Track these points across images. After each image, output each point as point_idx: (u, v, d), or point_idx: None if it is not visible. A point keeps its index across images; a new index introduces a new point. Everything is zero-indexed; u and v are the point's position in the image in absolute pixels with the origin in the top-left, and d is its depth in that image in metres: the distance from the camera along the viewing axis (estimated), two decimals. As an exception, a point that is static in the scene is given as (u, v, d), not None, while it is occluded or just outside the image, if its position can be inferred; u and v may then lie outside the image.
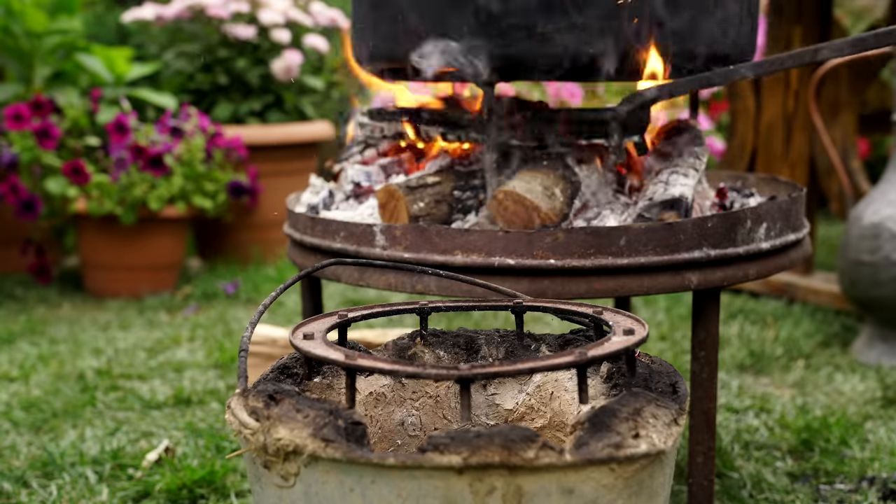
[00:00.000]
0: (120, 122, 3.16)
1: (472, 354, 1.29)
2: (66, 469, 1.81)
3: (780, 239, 1.53)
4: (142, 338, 2.71)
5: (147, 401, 2.21)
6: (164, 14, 3.72)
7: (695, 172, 1.58)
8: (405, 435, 1.27)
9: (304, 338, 1.10)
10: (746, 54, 1.59)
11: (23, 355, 2.54)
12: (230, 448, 1.89)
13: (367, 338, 2.11)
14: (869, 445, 1.92)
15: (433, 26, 1.45)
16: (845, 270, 2.48)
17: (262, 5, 3.74)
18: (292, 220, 1.65)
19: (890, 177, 2.47)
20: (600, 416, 0.98)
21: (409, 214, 1.48)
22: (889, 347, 2.45)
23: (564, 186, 1.48)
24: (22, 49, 3.39)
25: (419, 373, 0.99)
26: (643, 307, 2.96)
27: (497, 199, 1.46)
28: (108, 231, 3.17)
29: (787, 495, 1.72)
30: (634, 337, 1.09)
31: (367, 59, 1.61)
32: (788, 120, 2.96)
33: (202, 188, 3.26)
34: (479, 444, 0.91)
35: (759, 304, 2.96)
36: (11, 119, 3.10)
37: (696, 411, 1.51)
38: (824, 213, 4.20)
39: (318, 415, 0.98)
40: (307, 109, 3.79)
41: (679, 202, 1.47)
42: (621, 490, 0.95)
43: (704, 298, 1.48)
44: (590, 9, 1.40)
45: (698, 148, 1.66)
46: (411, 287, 1.44)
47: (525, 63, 1.44)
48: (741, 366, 2.44)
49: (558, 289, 1.39)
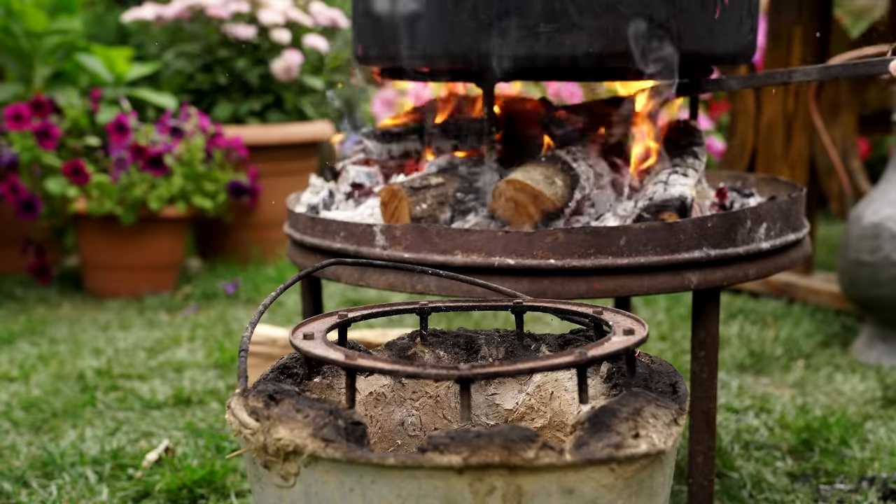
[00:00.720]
0: (120, 122, 3.16)
1: (472, 354, 1.29)
2: (66, 469, 1.81)
3: (780, 239, 1.53)
4: (142, 338, 2.71)
5: (147, 401, 2.21)
6: (164, 14, 3.72)
7: (694, 172, 1.58)
8: (405, 435, 1.27)
9: (304, 338, 1.10)
10: (747, 54, 1.59)
11: (23, 355, 2.54)
12: (230, 448, 1.89)
13: (367, 338, 2.11)
14: (869, 445, 1.92)
15: (433, 25, 1.45)
16: (845, 270, 2.48)
17: (262, 5, 3.74)
18: (292, 220, 1.65)
19: (890, 177, 2.47)
20: (600, 416, 0.98)
21: (411, 215, 1.48)
22: (889, 347, 2.45)
23: (564, 177, 1.48)
24: (22, 49, 3.39)
25: (419, 373, 0.99)
26: (643, 307, 2.96)
27: (499, 189, 1.46)
28: (108, 231, 3.17)
29: (787, 495, 1.72)
30: (634, 337, 1.09)
31: (367, 58, 1.61)
32: (788, 120, 2.96)
33: (202, 188, 3.26)
34: (479, 444, 0.91)
35: (759, 304, 2.96)
36: (11, 119, 3.10)
37: (696, 411, 1.51)
38: (824, 213, 4.20)
39: (318, 415, 0.98)
40: (307, 109, 3.79)
41: (679, 202, 1.47)
42: (621, 490, 0.95)
43: (704, 298, 1.48)
44: (590, 8, 1.40)
45: (698, 148, 1.66)
46: (411, 287, 1.44)
47: (527, 63, 1.44)
48: (741, 366, 2.44)
49: (558, 289, 1.39)
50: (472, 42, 1.41)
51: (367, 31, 1.58)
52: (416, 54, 1.48)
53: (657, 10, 1.41)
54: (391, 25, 1.50)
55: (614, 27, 1.41)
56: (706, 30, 1.47)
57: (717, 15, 1.46)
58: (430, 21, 1.45)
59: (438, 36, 1.44)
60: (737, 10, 1.51)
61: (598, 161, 1.58)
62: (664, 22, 1.41)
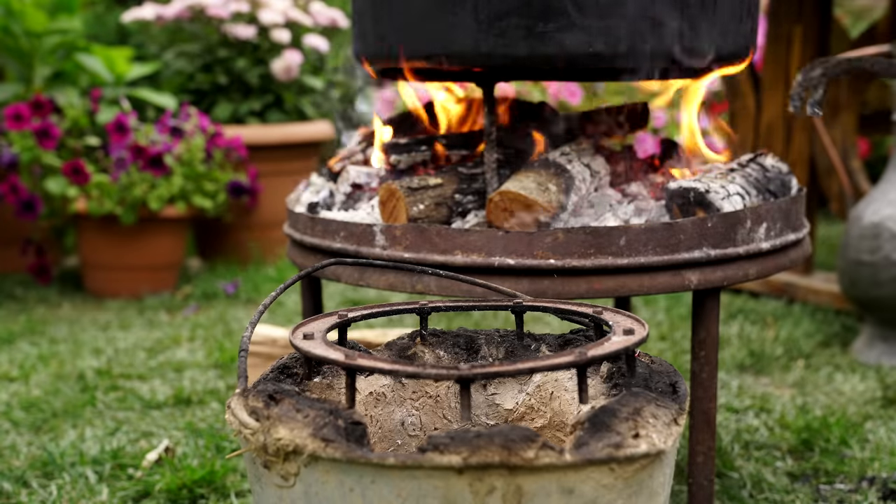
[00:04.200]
0: (120, 121, 3.16)
1: (472, 354, 1.29)
2: (66, 469, 1.81)
3: (780, 239, 1.53)
4: (142, 338, 2.71)
5: (147, 401, 2.21)
6: (164, 14, 3.72)
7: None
8: (405, 435, 1.27)
9: (304, 338, 1.10)
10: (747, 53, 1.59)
11: (23, 355, 2.54)
12: (230, 448, 1.89)
13: (367, 338, 2.11)
14: (869, 445, 1.92)
15: (433, 24, 1.45)
16: (845, 270, 2.48)
17: (262, 5, 3.74)
18: (292, 220, 1.65)
19: (890, 177, 2.47)
20: (600, 416, 0.98)
21: (409, 216, 1.48)
22: (889, 347, 2.45)
23: (558, 181, 1.48)
24: (22, 49, 3.39)
25: (419, 373, 0.99)
26: (643, 307, 2.96)
27: (493, 202, 1.46)
28: (108, 231, 3.17)
29: (787, 495, 1.72)
30: (634, 337, 1.09)
31: (367, 58, 1.61)
32: (788, 120, 2.96)
33: (202, 188, 3.26)
34: (479, 444, 0.91)
35: (759, 304, 2.96)
36: (11, 119, 3.10)
37: (696, 411, 1.51)
38: (824, 213, 4.20)
39: (318, 415, 0.98)
40: (307, 109, 3.79)
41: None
42: (621, 490, 0.95)
43: (704, 298, 1.48)
44: (591, 8, 1.40)
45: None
46: (411, 287, 1.44)
47: (527, 62, 1.44)
48: (741, 366, 2.44)
49: (558, 289, 1.39)
50: (473, 42, 1.41)
51: (366, 31, 1.58)
52: (416, 54, 1.48)
53: (657, 9, 1.41)
54: (391, 25, 1.50)
55: (614, 27, 1.40)
56: (706, 29, 1.47)
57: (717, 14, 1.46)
58: (430, 21, 1.44)
59: (438, 36, 1.44)
60: (737, 10, 1.51)
61: (594, 158, 1.58)
62: (665, 21, 1.41)
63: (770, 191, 1.58)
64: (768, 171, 1.61)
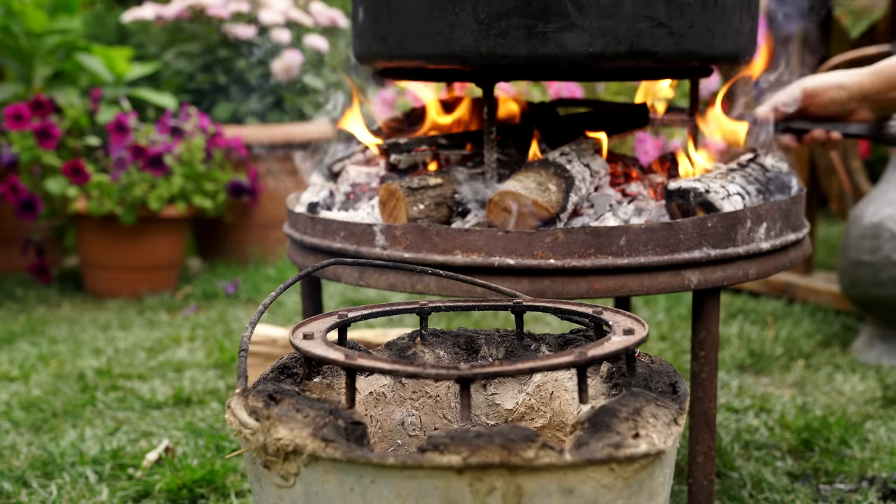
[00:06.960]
0: (120, 121, 3.16)
1: (472, 354, 1.29)
2: (66, 469, 1.81)
3: (780, 239, 1.53)
4: (142, 338, 2.71)
5: (147, 401, 2.21)
6: (164, 14, 3.72)
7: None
8: (405, 435, 1.27)
9: (304, 338, 1.10)
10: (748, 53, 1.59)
11: (23, 355, 2.54)
12: (230, 448, 1.89)
13: (367, 338, 2.11)
14: (869, 445, 1.92)
15: (433, 25, 1.45)
16: (845, 270, 2.48)
17: (262, 5, 3.74)
18: (292, 220, 1.65)
19: (890, 177, 2.47)
20: (600, 416, 0.98)
21: (408, 216, 1.48)
22: (889, 347, 2.45)
23: (558, 181, 1.48)
24: (22, 49, 3.39)
25: (419, 373, 0.99)
26: (643, 307, 2.96)
27: (494, 201, 1.46)
28: (108, 231, 3.17)
29: (787, 495, 1.72)
30: (634, 337, 1.09)
31: (367, 58, 1.61)
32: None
33: (202, 188, 3.26)
34: (479, 444, 0.91)
35: (759, 304, 2.96)
36: (11, 119, 3.10)
37: (696, 411, 1.51)
38: (824, 213, 4.20)
39: (318, 415, 0.98)
40: (307, 109, 3.79)
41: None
42: (621, 490, 0.95)
43: (704, 298, 1.48)
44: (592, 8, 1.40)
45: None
46: (411, 287, 1.44)
47: (527, 63, 1.44)
48: (741, 366, 2.44)
49: (558, 289, 1.39)
50: (473, 42, 1.41)
51: (366, 31, 1.58)
52: (416, 54, 1.48)
53: (658, 9, 1.41)
54: (391, 25, 1.50)
55: (614, 27, 1.41)
56: (706, 29, 1.47)
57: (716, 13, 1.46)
58: (431, 21, 1.44)
59: (439, 36, 1.44)
60: (737, 10, 1.51)
61: (594, 158, 1.58)
62: (665, 21, 1.41)
63: (770, 191, 1.58)
64: (768, 171, 1.61)
